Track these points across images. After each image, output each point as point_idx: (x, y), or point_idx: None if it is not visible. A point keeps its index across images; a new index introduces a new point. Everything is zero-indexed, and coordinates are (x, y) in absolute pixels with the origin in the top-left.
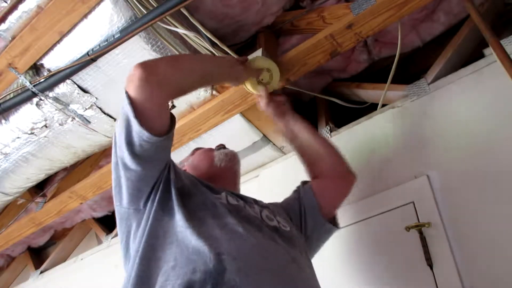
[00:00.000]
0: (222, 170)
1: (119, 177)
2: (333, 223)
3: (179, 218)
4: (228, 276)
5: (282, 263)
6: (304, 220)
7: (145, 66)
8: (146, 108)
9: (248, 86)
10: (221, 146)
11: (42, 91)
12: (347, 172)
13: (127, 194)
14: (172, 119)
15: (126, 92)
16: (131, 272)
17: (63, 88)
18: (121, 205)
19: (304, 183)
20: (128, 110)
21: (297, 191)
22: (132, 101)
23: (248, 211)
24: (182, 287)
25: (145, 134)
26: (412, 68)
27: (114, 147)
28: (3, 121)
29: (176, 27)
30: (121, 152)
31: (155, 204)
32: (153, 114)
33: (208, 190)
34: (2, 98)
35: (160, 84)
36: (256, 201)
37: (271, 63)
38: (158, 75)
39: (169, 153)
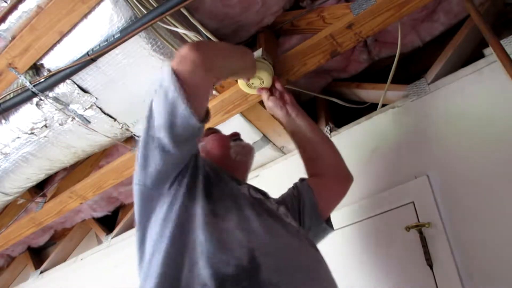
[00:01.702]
0: (237, 163)
1: (149, 156)
2: (328, 224)
3: (205, 207)
4: (264, 274)
5: (310, 260)
6: (302, 218)
7: (201, 49)
8: (196, 91)
9: (241, 87)
10: (237, 136)
11: (42, 91)
12: (345, 174)
13: (155, 175)
14: None
15: (176, 73)
16: (158, 257)
17: (63, 88)
18: (145, 185)
19: (302, 180)
20: (177, 92)
21: (295, 188)
22: (181, 83)
23: (270, 206)
24: (213, 277)
25: (193, 119)
26: (412, 68)
27: (148, 125)
28: (3, 121)
29: (176, 27)
30: (159, 133)
31: (182, 189)
32: (201, 98)
33: (231, 180)
34: (2, 98)
35: (212, 69)
36: (270, 196)
37: (261, 72)
38: (212, 61)
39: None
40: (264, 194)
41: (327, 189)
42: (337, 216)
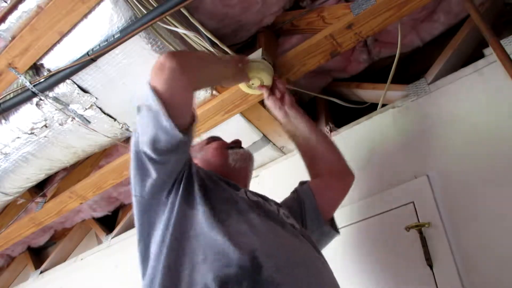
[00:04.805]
0: (237, 170)
1: (142, 169)
2: (332, 226)
3: (204, 212)
4: (266, 273)
5: (311, 259)
6: (305, 221)
7: (178, 57)
8: (176, 102)
9: (242, 88)
10: (237, 144)
11: (42, 91)
12: (346, 172)
13: (151, 186)
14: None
15: (153, 86)
16: (158, 264)
17: (63, 88)
18: (142, 196)
19: (302, 183)
20: (157, 107)
21: (296, 191)
22: (160, 95)
23: (269, 208)
24: (216, 281)
25: (176, 132)
26: (412, 68)
27: (135, 141)
28: (3, 121)
29: (176, 27)
30: (145, 147)
31: (178, 197)
32: (182, 108)
33: (228, 186)
34: (2, 98)
35: (191, 77)
36: (269, 199)
37: (260, 73)
38: (190, 69)
39: (190, 147)
40: (262, 197)
41: (328, 189)
42: (337, 216)
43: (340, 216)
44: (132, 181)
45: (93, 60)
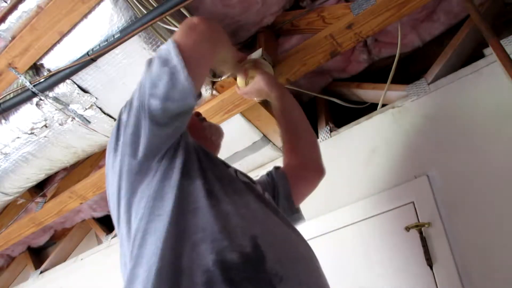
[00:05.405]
0: (212, 143)
1: (140, 126)
2: (299, 214)
3: (204, 187)
4: (269, 264)
5: (305, 249)
6: (277, 206)
7: (210, 23)
8: (200, 64)
9: (240, 84)
10: (202, 116)
11: (42, 91)
12: (322, 168)
13: (144, 148)
14: None
15: (178, 42)
16: (150, 234)
17: (63, 88)
18: (135, 157)
19: (277, 168)
20: (178, 62)
21: (271, 175)
22: (184, 54)
23: (259, 191)
24: (217, 264)
25: (191, 95)
26: (412, 68)
27: (142, 96)
28: (3, 121)
29: (176, 27)
30: (153, 103)
31: (177, 165)
32: (202, 73)
33: (220, 162)
34: (2, 98)
35: (215, 47)
36: (255, 181)
37: (255, 73)
38: (216, 37)
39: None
40: (249, 178)
41: (302, 180)
42: (337, 216)
43: (341, 216)
44: (128, 142)
45: (93, 60)
